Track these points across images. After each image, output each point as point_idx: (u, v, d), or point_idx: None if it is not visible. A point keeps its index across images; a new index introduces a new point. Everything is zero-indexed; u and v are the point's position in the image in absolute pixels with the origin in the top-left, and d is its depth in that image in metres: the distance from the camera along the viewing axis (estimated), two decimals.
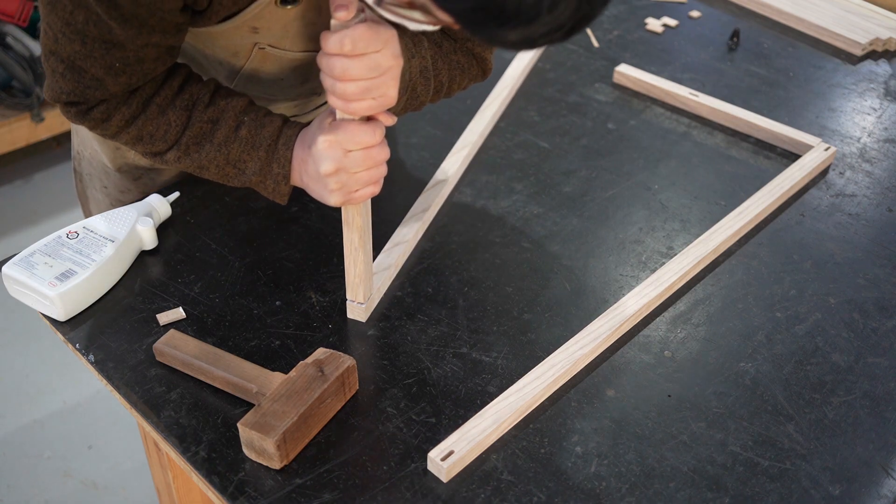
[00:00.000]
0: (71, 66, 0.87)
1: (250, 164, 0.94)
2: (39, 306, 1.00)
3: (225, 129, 0.93)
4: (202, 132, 0.93)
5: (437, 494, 0.83)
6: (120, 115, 0.92)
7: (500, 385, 0.93)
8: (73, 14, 0.82)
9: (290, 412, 0.84)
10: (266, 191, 0.96)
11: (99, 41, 0.84)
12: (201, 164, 0.95)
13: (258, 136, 0.93)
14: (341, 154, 0.89)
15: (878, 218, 1.20)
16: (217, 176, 0.96)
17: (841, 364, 0.98)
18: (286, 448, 0.83)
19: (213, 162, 0.95)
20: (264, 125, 0.94)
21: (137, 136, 0.94)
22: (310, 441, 0.87)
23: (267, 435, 0.82)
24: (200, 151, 0.94)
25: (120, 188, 1.20)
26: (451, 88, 1.04)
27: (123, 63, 0.86)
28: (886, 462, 0.87)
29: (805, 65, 1.56)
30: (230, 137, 0.93)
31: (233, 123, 0.93)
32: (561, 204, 1.20)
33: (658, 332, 1.01)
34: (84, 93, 0.89)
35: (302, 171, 0.93)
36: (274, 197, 0.96)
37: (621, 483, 0.84)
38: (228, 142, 0.93)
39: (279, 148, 0.93)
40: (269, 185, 0.95)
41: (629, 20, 1.69)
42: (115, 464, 1.89)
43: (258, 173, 0.94)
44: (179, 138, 0.94)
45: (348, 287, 0.99)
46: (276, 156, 0.93)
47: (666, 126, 1.38)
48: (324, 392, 0.87)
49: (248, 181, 0.96)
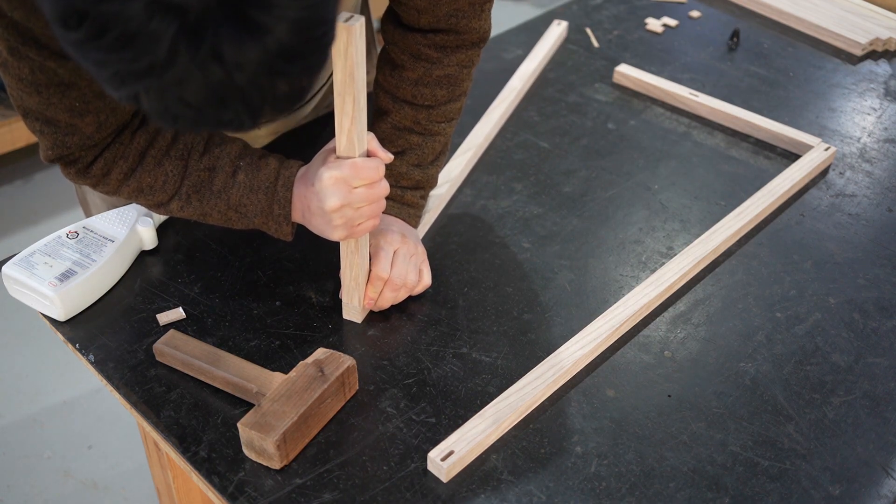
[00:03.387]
0: (43, 119, 0.87)
1: (251, 207, 0.95)
2: (39, 306, 1.00)
3: (223, 176, 0.94)
4: (200, 180, 0.95)
5: (437, 494, 0.83)
6: (118, 170, 0.93)
7: (500, 385, 0.93)
8: (19, 69, 0.82)
9: (290, 412, 0.84)
10: (270, 231, 0.97)
11: (51, 86, 0.84)
12: (204, 212, 0.96)
13: (256, 179, 0.94)
14: (346, 190, 0.89)
15: (878, 218, 1.20)
16: (221, 221, 0.97)
17: (841, 364, 0.98)
18: (286, 448, 0.83)
19: (215, 208, 0.96)
20: (261, 168, 0.95)
21: (138, 188, 0.95)
22: (310, 441, 0.87)
23: (267, 435, 0.82)
24: (202, 200, 0.95)
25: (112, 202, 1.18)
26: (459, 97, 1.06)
27: (83, 102, 0.86)
28: (886, 462, 0.87)
29: (805, 65, 1.56)
30: (228, 184, 0.94)
31: (230, 169, 0.94)
32: (561, 204, 1.20)
33: (658, 332, 1.01)
34: (65, 142, 0.89)
35: (304, 208, 0.94)
36: (279, 235, 0.97)
37: (621, 483, 0.84)
38: (227, 188, 0.94)
39: (279, 189, 0.94)
40: (272, 226, 0.96)
41: (629, 20, 1.69)
42: (115, 464, 1.89)
43: (260, 215, 0.95)
44: (179, 188, 0.95)
45: (343, 290, 0.99)
46: (277, 197, 0.94)
47: (666, 126, 1.38)
48: (324, 392, 0.86)
49: (252, 223, 0.97)
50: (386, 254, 0.99)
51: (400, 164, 1.05)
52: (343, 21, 0.80)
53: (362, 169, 0.89)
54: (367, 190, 0.90)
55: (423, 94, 1.02)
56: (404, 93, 1.03)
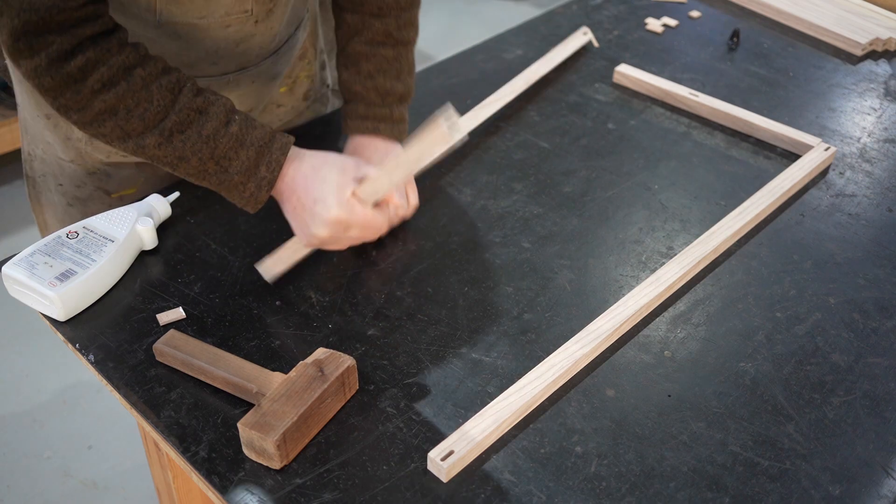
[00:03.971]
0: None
1: (236, 162, 0.91)
2: (39, 306, 1.00)
3: (215, 122, 0.90)
4: (188, 120, 0.89)
5: (437, 494, 0.83)
6: (98, 76, 0.85)
7: (500, 385, 0.93)
8: None
9: (289, 412, 0.84)
10: (242, 194, 0.93)
11: None
12: (182, 155, 0.90)
13: (249, 135, 0.91)
14: (341, 230, 0.92)
15: (878, 218, 1.20)
16: (195, 171, 0.92)
17: (841, 364, 0.98)
18: (286, 448, 0.83)
19: (196, 154, 0.90)
20: (255, 127, 0.92)
21: (113, 107, 0.87)
22: (310, 441, 0.87)
23: (267, 435, 0.82)
24: (186, 141, 0.89)
25: (76, 182, 1.17)
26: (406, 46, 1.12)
27: None
28: (886, 462, 0.87)
29: (805, 65, 1.56)
30: (220, 132, 0.90)
31: (223, 118, 0.90)
32: (561, 204, 1.20)
33: (658, 332, 1.01)
34: (33, 2, 0.79)
35: (291, 189, 0.92)
36: (247, 203, 0.93)
37: (621, 483, 0.84)
38: (217, 136, 0.90)
39: (273, 151, 0.91)
40: (250, 187, 0.92)
41: (629, 20, 1.69)
42: (115, 464, 1.89)
43: (242, 173, 0.91)
44: (162, 121, 0.88)
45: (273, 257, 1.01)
46: (268, 158, 0.91)
47: (666, 126, 1.38)
48: (324, 392, 0.87)
49: (229, 181, 0.92)
50: None
51: (383, 81, 1.09)
52: (446, 127, 0.83)
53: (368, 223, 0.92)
54: (361, 234, 0.93)
55: (387, 4, 1.07)
56: (370, 7, 1.07)
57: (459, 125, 0.83)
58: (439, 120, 0.83)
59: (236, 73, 1.06)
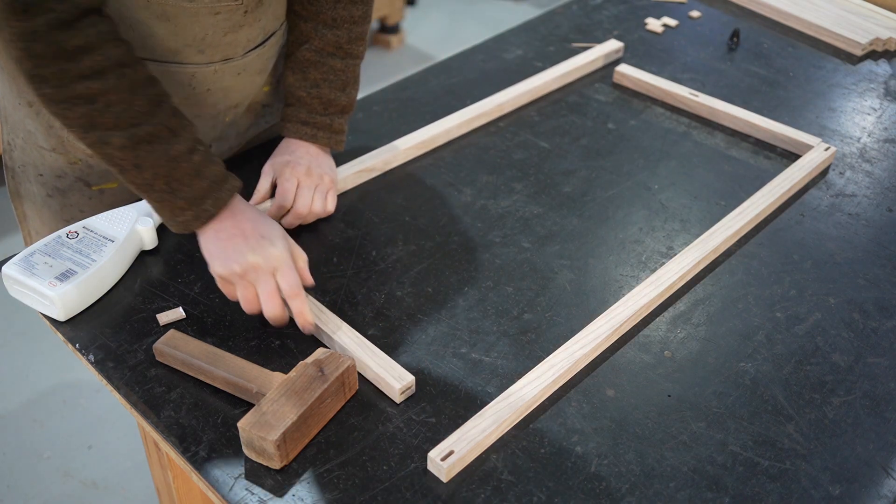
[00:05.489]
0: None
1: (187, 189, 0.93)
2: (39, 306, 1.00)
3: (182, 146, 0.92)
4: (160, 135, 0.90)
5: (437, 494, 0.83)
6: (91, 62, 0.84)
7: (500, 385, 0.93)
8: None
9: (289, 412, 0.84)
10: (176, 217, 0.94)
11: None
12: (139, 164, 0.90)
13: (208, 168, 0.94)
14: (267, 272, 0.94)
15: (878, 218, 1.20)
16: (141, 181, 0.92)
17: (841, 364, 0.98)
18: (286, 448, 0.83)
19: (153, 169, 0.91)
20: (214, 163, 0.95)
21: (93, 97, 0.85)
22: (310, 441, 0.87)
23: (267, 435, 0.82)
24: (151, 153, 0.90)
25: (56, 173, 1.15)
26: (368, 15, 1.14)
27: None
28: (886, 462, 0.87)
29: (805, 65, 1.56)
30: (183, 156, 0.92)
31: (190, 145, 0.93)
32: (561, 204, 1.20)
33: (658, 332, 1.01)
34: None
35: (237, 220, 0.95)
36: (175, 225, 0.95)
37: (621, 483, 0.84)
38: (180, 159, 0.91)
39: (223, 189, 0.95)
40: (189, 215, 0.94)
41: (629, 20, 1.69)
42: (115, 464, 1.89)
43: (188, 200, 0.93)
44: (135, 126, 0.88)
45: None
46: (217, 195, 0.94)
47: (666, 126, 1.38)
48: (324, 392, 0.87)
49: (171, 202, 0.93)
50: (290, 185, 1.11)
51: (328, 91, 1.13)
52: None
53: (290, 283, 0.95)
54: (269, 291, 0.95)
55: (341, 16, 1.10)
56: (324, 18, 1.11)
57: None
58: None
59: (221, 63, 1.07)
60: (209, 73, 1.07)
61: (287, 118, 1.16)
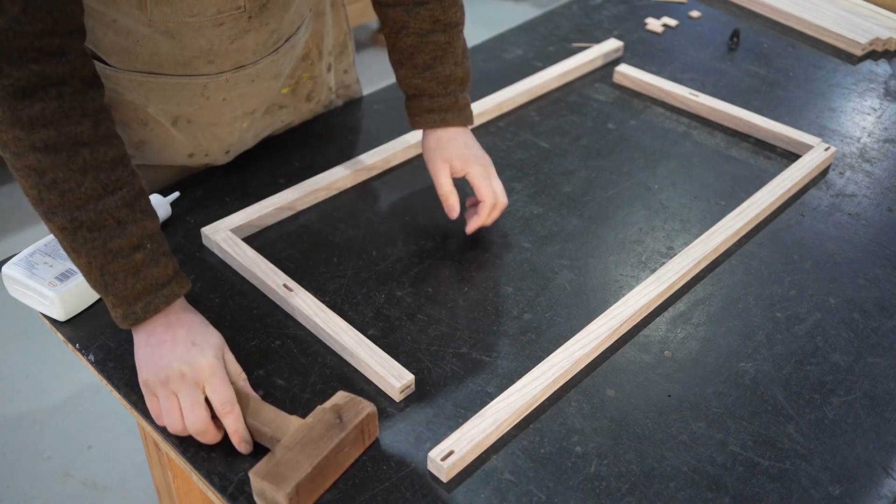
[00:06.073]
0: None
1: (119, 286, 0.85)
2: (39, 306, 1.00)
3: (124, 241, 0.84)
4: (102, 223, 0.83)
5: (437, 494, 0.83)
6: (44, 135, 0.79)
7: (500, 385, 0.93)
8: None
9: (304, 462, 0.79)
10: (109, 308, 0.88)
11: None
12: (76, 249, 0.84)
13: (148, 270, 0.86)
14: (192, 384, 0.84)
15: (878, 218, 1.20)
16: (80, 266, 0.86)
17: (841, 364, 0.98)
18: (298, 500, 0.78)
19: (88, 257, 0.84)
20: (160, 265, 0.87)
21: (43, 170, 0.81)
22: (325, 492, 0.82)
23: (279, 487, 0.77)
24: (88, 241, 0.83)
25: None
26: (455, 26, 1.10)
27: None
28: (886, 462, 0.87)
29: (805, 65, 1.56)
30: (123, 252, 0.84)
31: (135, 242, 0.85)
32: (561, 204, 1.20)
33: (658, 332, 1.01)
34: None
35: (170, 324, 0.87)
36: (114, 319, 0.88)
37: (621, 483, 0.84)
38: (118, 255, 0.84)
39: (158, 296, 0.86)
40: (118, 312, 0.87)
41: (629, 20, 1.69)
42: (115, 464, 1.89)
43: (118, 297, 0.86)
44: (79, 209, 0.82)
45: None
46: (149, 300, 0.86)
47: (666, 126, 1.38)
48: (342, 441, 0.82)
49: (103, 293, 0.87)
50: (486, 180, 1.08)
51: (441, 69, 1.09)
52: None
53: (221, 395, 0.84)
54: (193, 409, 0.83)
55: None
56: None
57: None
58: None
59: (233, 71, 1.06)
60: (221, 83, 1.07)
61: (412, 111, 1.13)
